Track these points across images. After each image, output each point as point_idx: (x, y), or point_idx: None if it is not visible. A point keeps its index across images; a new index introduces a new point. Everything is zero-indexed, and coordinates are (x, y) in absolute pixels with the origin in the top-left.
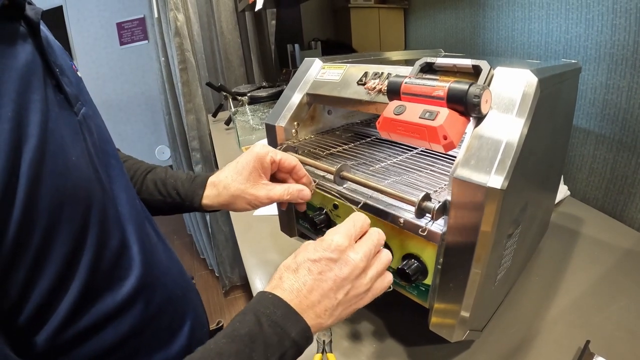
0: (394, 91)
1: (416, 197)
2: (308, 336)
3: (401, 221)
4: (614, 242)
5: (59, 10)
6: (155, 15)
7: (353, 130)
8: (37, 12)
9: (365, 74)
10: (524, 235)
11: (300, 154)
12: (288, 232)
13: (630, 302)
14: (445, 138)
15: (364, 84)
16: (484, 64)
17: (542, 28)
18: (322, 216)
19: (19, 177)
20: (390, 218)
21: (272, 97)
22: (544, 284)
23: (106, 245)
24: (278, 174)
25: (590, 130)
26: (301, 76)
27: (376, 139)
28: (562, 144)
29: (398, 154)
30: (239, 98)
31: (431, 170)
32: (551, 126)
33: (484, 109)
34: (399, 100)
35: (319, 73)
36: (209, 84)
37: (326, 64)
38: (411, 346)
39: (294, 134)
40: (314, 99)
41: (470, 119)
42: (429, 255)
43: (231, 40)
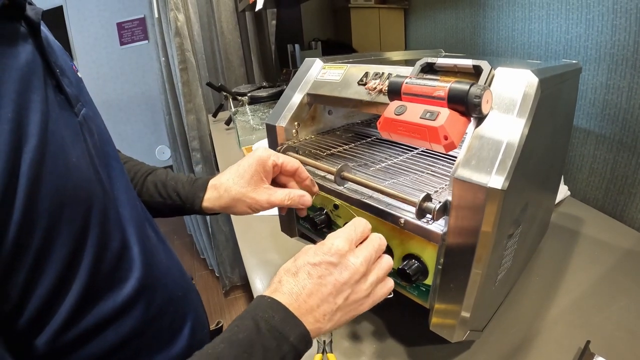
0: (394, 91)
1: (417, 198)
2: (307, 341)
3: (402, 221)
4: (614, 242)
5: (59, 10)
6: (155, 15)
7: (353, 130)
8: (38, 12)
9: (366, 74)
10: (524, 235)
11: (300, 154)
12: (288, 233)
13: (631, 302)
14: (446, 138)
15: (364, 84)
16: (484, 64)
17: (543, 28)
18: (323, 216)
19: (19, 178)
20: (391, 218)
21: (273, 97)
22: (544, 284)
23: (107, 246)
24: (280, 177)
25: (590, 130)
26: (302, 76)
27: (377, 139)
28: (563, 144)
29: (399, 154)
30: (239, 98)
31: (432, 170)
32: (552, 126)
33: (484, 109)
34: (400, 101)
35: (319, 73)
36: (209, 84)
37: (327, 64)
38: (411, 346)
39: (295, 134)
40: (314, 99)
41: (471, 119)
42: (429, 255)
43: (231, 40)
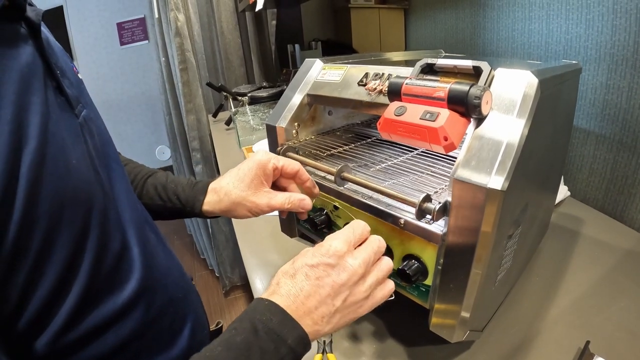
0: (394, 92)
1: (417, 198)
2: (305, 343)
3: (402, 222)
4: (614, 243)
5: (59, 10)
6: (155, 15)
7: (354, 130)
8: (38, 14)
9: (366, 75)
10: (524, 235)
11: (300, 155)
12: (288, 233)
13: (631, 303)
14: (445, 139)
15: (364, 85)
16: (484, 65)
17: (543, 28)
18: (323, 217)
19: (19, 180)
20: (391, 219)
21: (273, 98)
22: (544, 284)
23: (107, 248)
24: (280, 180)
25: (590, 130)
26: (302, 77)
27: (377, 139)
28: (563, 145)
29: (399, 155)
30: (239, 98)
31: (432, 171)
32: (551, 127)
33: (484, 110)
34: (400, 101)
35: (319, 74)
36: (209, 84)
37: (327, 65)
38: (411, 346)
39: (295, 135)
40: (314, 99)
41: (471, 120)
42: (429, 255)
43: (231, 40)
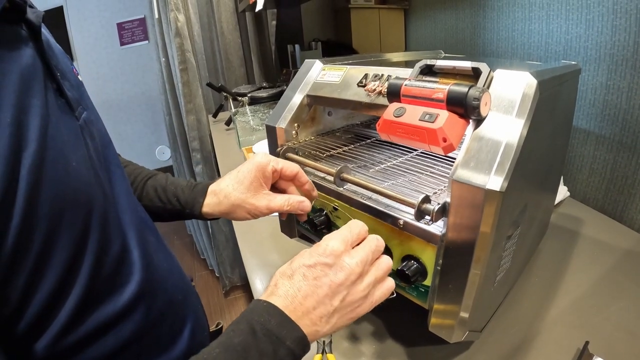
0: (394, 93)
1: (416, 199)
2: (305, 344)
3: (401, 223)
4: (613, 243)
5: (59, 11)
6: (155, 15)
7: (353, 131)
8: (39, 16)
9: (366, 76)
10: (523, 236)
11: (300, 156)
12: (288, 233)
13: (630, 303)
14: (444, 140)
15: (364, 86)
16: (483, 67)
17: (543, 29)
18: (322, 217)
19: (19, 182)
20: (390, 220)
21: (273, 98)
22: (543, 284)
23: (107, 250)
24: (280, 182)
25: (590, 130)
26: (302, 78)
27: (376, 140)
28: (562, 145)
29: (398, 156)
30: (239, 98)
31: (431, 172)
32: (551, 128)
33: (483, 111)
34: (399, 103)
35: (319, 75)
36: (209, 85)
37: (326, 66)
38: (411, 347)
39: (295, 136)
40: (314, 100)
41: (470, 121)
42: (428, 256)
43: (231, 40)
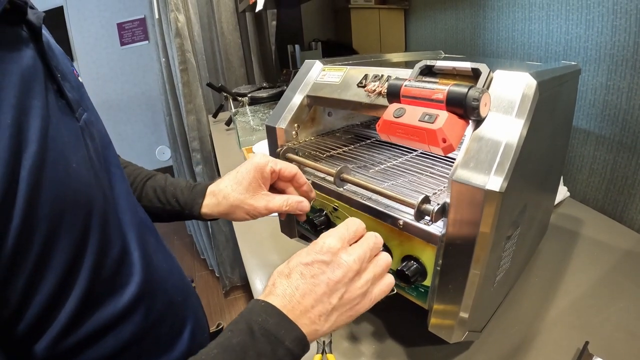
0: (393, 94)
1: (415, 200)
2: (304, 344)
3: (400, 223)
4: (613, 243)
5: (59, 11)
6: (155, 15)
7: (353, 132)
8: (39, 17)
9: (366, 77)
10: (523, 236)
11: (300, 156)
12: (288, 233)
13: (630, 303)
14: (444, 141)
15: (364, 87)
16: (483, 67)
17: (543, 29)
18: (322, 217)
19: (19, 184)
20: (390, 220)
21: (273, 98)
22: (543, 285)
23: (107, 251)
24: (278, 183)
25: (590, 131)
26: (302, 78)
27: (376, 140)
28: (562, 146)
29: (398, 156)
30: (240, 99)
31: (431, 172)
32: (550, 128)
33: (483, 112)
34: (399, 103)
35: (319, 75)
36: (209, 85)
37: (326, 66)
38: (411, 347)
39: (295, 136)
40: (314, 101)
41: (470, 122)
42: (428, 256)
43: (232, 40)
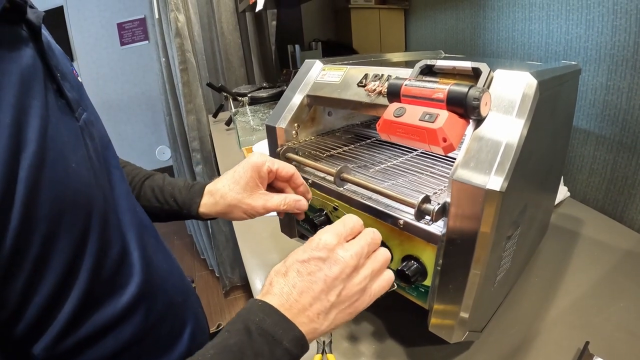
0: (394, 93)
1: (416, 199)
2: (303, 344)
3: (401, 223)
4: (614, 243)
5: (59, 11)
6: (155, 15)
7: (353, 131)
8: (39, 16)
9: (366, 76)
10: (523, 236)
11: (300, 156)
12: (288, 233)
13: (630, 303)
14: (444, 140)
15: (364, 86)
16: (483, 67)
17: (543, 29)
18: (322, 217)
19: (17, 184)
20: (390, 220)
21: (273, 98)
22: (543, 285)
23: (107, 252)
24: (276, 183)
25: (590, 131)
26: (302, 78)
27: (376, 140)
28: (562, 146)
29: (398, 156)
30: (240, 99)
31: (431, 172)
32: (551, 128)
33: (483, 111)
34: (399, 103)
35: (319, 75)
36: (209, 85)
37: (327, 66)
38: (411, 347)
39: (295, 136)
40: (314, 100)
41: (470, 121)
42: (428, 256)
43: (232, 40)
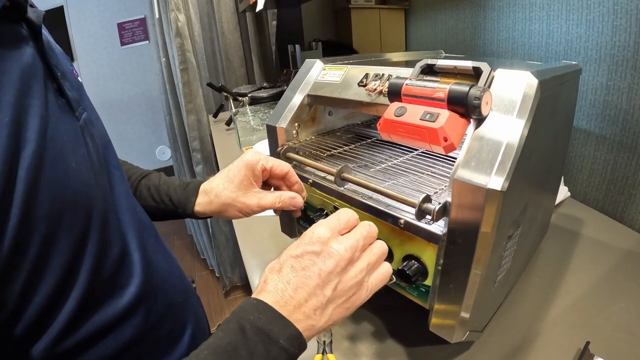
0: (394, 93)
1: (416, 199)
2: (300, 342)
3: (401, 222)
4: (614, 243)
5: (59, 11)
6: (156, 15)
7: (354, 131)
8: (39, 15)
9: (366, 76)
10: (524, 236)
11: (301, 155)
12: (288, 233)
13: (631, 303)
14: (445, 140)
15: (364, 86)
16: (484, 66)
17: (543, 29)
18: (323, 217)
19: (16, 184)
20: (391, 219)
21: (273, 98)
22: (544, 285)
23: (107, 252)
24: (271, 180)
25: (590, 131)
26: (302, 77)
27: (377, 140)
28: (563, 145)
29: (399, 156)
30: (240, 98)
31: (432, 171)
32: (551, 128)
33: (484, 110)
34: (400, 102)
35: (319, 74)
36: (209, 85)
37: (327, 65)
38: (411, 347)
39: (295, 135)
40: (314, 100)
41: (471, 120)
42: (429, 256)
43: (232, 40)
